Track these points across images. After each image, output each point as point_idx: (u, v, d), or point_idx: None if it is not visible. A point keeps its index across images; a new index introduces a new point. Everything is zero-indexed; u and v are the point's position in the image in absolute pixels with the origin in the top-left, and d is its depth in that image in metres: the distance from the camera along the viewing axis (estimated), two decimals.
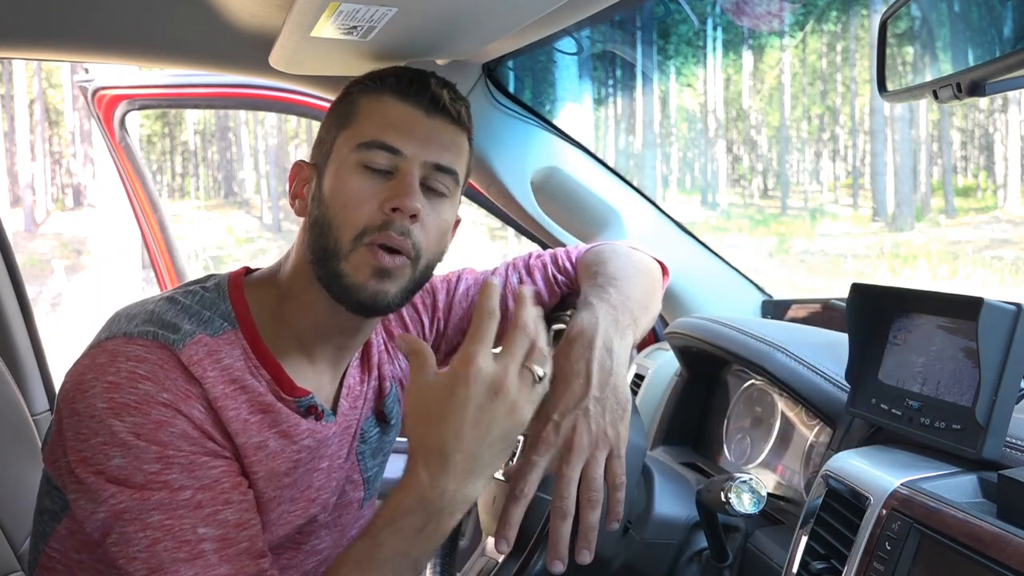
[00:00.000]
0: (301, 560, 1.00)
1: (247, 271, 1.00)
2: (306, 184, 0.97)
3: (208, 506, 0.81)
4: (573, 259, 1.19)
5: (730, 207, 17.38)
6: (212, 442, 0.85)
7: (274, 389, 0.92)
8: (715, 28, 15.39)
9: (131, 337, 0.85)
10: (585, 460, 0.86)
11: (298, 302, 0.95)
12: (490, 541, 1.15)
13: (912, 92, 0.88)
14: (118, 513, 0.80)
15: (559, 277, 1.18)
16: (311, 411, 0.96)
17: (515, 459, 1.04)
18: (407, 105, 0.93)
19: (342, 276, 0.90)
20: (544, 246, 1.70)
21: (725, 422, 1.36)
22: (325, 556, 1.02)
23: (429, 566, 1.27)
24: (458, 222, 1.03)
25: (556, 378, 0.89)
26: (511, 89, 1.60)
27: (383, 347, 1.11)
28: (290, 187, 0.99)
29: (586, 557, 0.85)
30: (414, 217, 0.90)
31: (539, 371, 0.82)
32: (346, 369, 1.04)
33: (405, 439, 0.83)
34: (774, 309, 1.74)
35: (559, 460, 0.86)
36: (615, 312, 0.96)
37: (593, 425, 0.87)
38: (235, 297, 0.94)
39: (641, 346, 1.74)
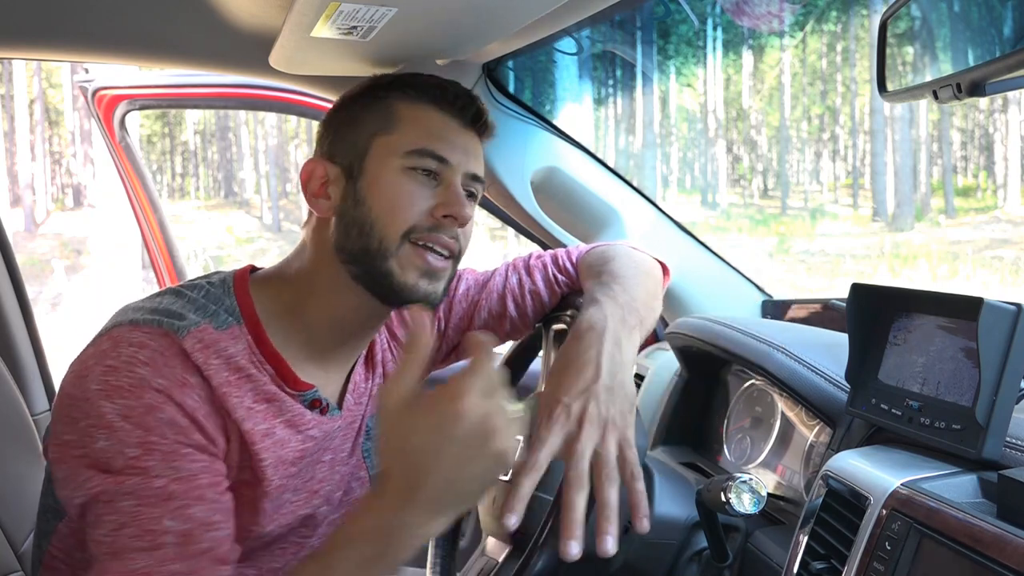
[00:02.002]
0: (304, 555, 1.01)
1: (252, 269, 1.00)
2: (328, 184, 0.97)
3: (179, 499, 0.80)
4: (574, 259, 1.19)
5: (730, 207, 17.38)
6: (201, 434, 0.84)
7: (278, 383, 0.92)
8: (715, 28, 15.41)
9: (136, 324, 0.86)
10: (596, 440, 0.85)
11: (319, 299, 0.96)
12: (490, 541, 1.15)
13: (912, 92, 0.88)
14: (94, 496, 0.80)
15: (559, 277, 1.18)
16: (315, 404, 0.97)
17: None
18: (447, 117, 0.97)
19: (391, 275, 0.93)
20: (544, 246, 1.70)
21: (725, 422, 1.36)
22: None
23: (429, 566, 1.27)
24: None
25: (565, 366, 0.89)
26: (511, 89, 1.60)
27: (386, 345, 1.12)
28: (304, 186, 0.99)
29: (609, 544, 0.79)
30: (463, 224, 0.96)
31: (516, 410, 0.76)
32: (352, 366, 1.04)
33: None
34: (774, 309, 1.74)
35: (571, 439, 0.84)
36: (622, 311, 0.97)
37: (603, 409, 0.86)
38: (240, 293, 0.94)
39: (641, 346, 1.74)
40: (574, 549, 0.78)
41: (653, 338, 1.80)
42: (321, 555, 0.77)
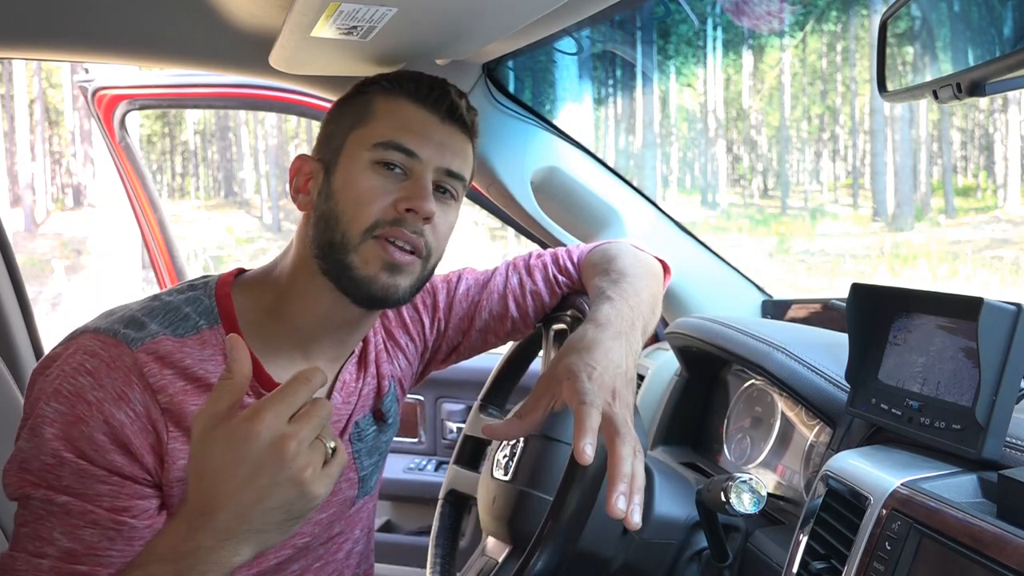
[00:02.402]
0: (278, 548, 1.00)
1: (240, 272, 1.01)
2: (310, 179, 0.98)
3: (75, 517, 0.81)
4: (575, 259, 1.19)
5: (730, 207, 17.38)
6: (121, 453, 0.83)
7: (252, 385, 0.92)
8: (715, 28, 15.40)
9: (99, 332, 0.87)
10: (626, 415, 0.85)
11: (300, 296, 0.96)
12: (490, 541, 1.15)
13: (912, 92, 0.88)
14: (22, 493, 0.82)
15: (560, 277, 1.18)
16: None
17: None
18: (424, 110, 0.95)
19: (351, 268, 0.92)
20: (544, 246, 1.70)
21: (725, 422, 1.36)
22: (305, 543, 1.03)
23: (429, 566, 1.27)
24: None
25: (594, 343, 0.91)
26: (511, 89, 1.60)
27: (382, 346, 1.12)
28: (291, 182, 0.99)
29: (637, 516, 0.79)
30: (427, 219, 0.93)
31: (330, 444, 0.73)
32: (343, 365, 1.04)
33: (401, 439, 0.81)
34: (774, 309, 1.74)
35: (608, 404, 0.84)
36: (632, 314, 0.98)
37: (627, 392, 0.88)
38: (221, 295, 0.95)
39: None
40: (622, 504, 0.78)
41: (653, 338, 1.80)
42: (118, 574, 0.76)
